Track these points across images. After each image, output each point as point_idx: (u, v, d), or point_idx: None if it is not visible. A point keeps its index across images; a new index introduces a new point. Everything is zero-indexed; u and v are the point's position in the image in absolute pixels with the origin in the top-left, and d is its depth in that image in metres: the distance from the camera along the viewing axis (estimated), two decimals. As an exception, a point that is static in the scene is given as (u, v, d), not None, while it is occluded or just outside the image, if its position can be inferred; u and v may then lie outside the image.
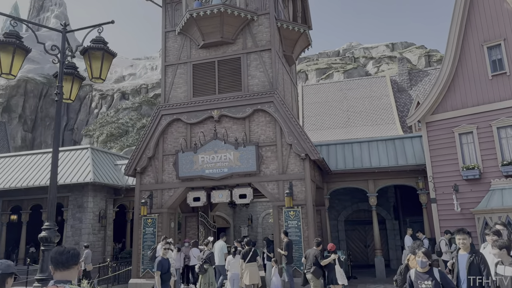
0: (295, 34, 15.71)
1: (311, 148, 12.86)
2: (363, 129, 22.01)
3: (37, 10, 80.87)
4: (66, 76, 7.09)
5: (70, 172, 18.29)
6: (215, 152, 13.85)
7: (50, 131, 42.70)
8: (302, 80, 40.74)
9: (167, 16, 16.21)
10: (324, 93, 25.21)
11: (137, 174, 14.88)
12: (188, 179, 14.14)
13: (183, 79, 15.22)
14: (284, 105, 13.41)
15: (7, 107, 40.12)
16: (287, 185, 13.06)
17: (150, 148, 14.73)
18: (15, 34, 6.24)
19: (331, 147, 17.17)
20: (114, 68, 52.68)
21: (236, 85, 14.45)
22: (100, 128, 37.80)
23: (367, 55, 43.72)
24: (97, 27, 6.69)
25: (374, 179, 15.91)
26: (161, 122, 14.85)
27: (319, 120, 23.55)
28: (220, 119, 14.26)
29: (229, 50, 14.88)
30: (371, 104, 23.32)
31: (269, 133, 13.71)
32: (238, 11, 14.32)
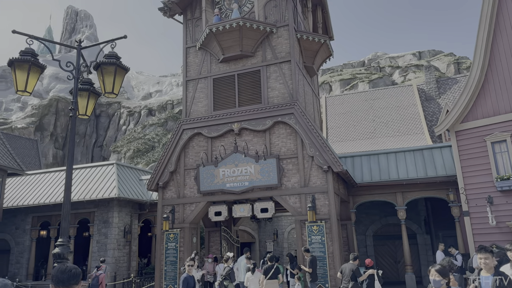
0: (315, 45, 15.49)
1: (333, 159, 12.48)
2: (390, 139, 21.34)
3: (69, 32, 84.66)
4: (82, 92, 7.14)
5: (96, 188, 18.58)
6: (235, 166, 13.69)
7: (80, 148, 44.03)
8: (326, 91, 40.31)
9: (188, 32, 16.39)
10: (348, 103, 24.74)
11: (159, 189, 14.89)
12: (209, 193, 14.02)
13: (203, 93, 15.26)
14: (304, 116, 13.14)
15: (39, 126, 41.76)
16: (309, 198, 12.69)
17: (172, 163, 14.74)
18: (31, 52, 6.33)
19: (356, 158, 16.67)
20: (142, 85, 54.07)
21: (256, 97, 14.33)
22: (127, 144, 38.62)
23: (393, 64, 42.84)
24: (110, 43, 6.72)
25: (403, 191, 15.27)
26: (183, 137, 14.87)
27: (344, 131, 23.05)
28: (241, 132, 14.13)
29: (249, 63, 14.82)
30: (398, 114, 22.64)
31: (290, 145, 13.44)
32: (256, 24, 14.29)
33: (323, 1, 18.08)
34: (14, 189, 21.05)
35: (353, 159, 16.65)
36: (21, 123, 40.76)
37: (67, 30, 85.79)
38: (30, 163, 28.47)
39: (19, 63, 6.19)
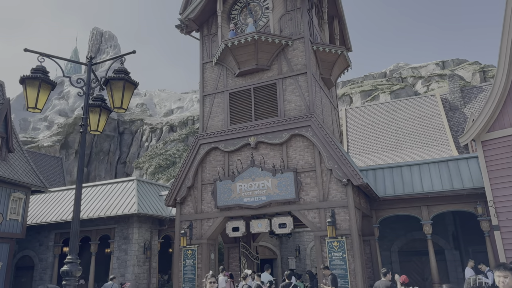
0: (332, 56, 15.27)
1: (353, 172, 12.09)
2: (414, 151, 20.67)
3: (95, 52, 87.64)
4: (94, 108, 7.15)
5: (116, 204, 18.70)
6: (252, 180, 13.48)
7: (104, 165, 44.89)
8: (346, 103, 39.79)
9: (204, 48, 16.51)
10: (369, 115, 24.23)
11: (177, 204, 14.82)
12: (226, 208, 13.82)
13: (220, 107, 15.22)
14: (322, 128, 12.85)
15: (65, 144, 42.91)
16: (328, 213, 12.30)
17: (189, 178, 14.67)
18: (41, 69, 6.39)
19: (378, 171, 16.16)
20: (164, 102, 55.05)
21: (272, 110, 14.17)
22: (149, 160, 39.12)
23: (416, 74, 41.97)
24: (119, 58, 6.72)
25: (428, 205, 14.63)
26: (200, 151, 14.82)
27: (365, 143, 22.51)
28: (257, 145, 13.96)
29: (265, 76, 14.73)
30: (421, 125, 21.97)
31: (308, 158, 13.14)
32: (272, 38, 14.22)
33: (340, 13, 17.92)
34: (38, 206, 21.48)
35: (375, 172, 16.14)
36: (47, 141, 42.00)
37: (93, 50, 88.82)
38: (55, 180, 29.13)
39: (29, 80, 6.24)
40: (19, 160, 18.64)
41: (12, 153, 18.29)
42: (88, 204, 19.52)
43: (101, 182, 21.14)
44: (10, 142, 17.84)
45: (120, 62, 6.71)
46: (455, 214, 16.81)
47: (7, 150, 17.86)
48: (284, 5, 15.27)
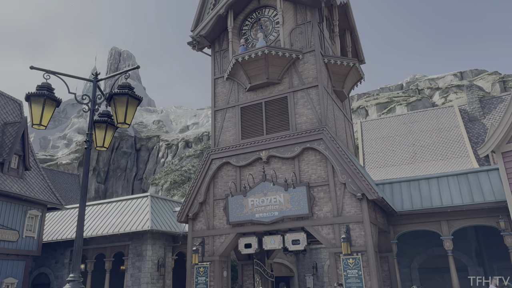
0: (344, 69, 15.08)
1: (367, 186, 11.73)
2: (432, 164, 20.07)
3: (113, 71, 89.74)
4: (100, 124, 7.12)
5: (130, 221, 18.67)
6: (264, 195, 13.25)
7: (121, 182, 45.33)
8: (362, 116, 39.29)
9: (216, 63, 16.58)
10: (385, 128, 23.77)
11: (189, 220, 14.67)
12: (238, 224, 13.58)
13: (231, 122, 15.15)
14: (334, 141, 12.59)
15: (83, 161, 43.61)
16: (343, 229, 11.92)
17: (201, 193, 14.54)
18: (47, 86, 6.42)
19: (395, 185, 15.71)
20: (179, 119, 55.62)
21: (284, 124, 14.00)
22: (165, 176, 39.32)
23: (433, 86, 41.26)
24: (124, 74, 6.71)
25: (448, 220, 14.08)
26: (211, 167, 14.71)
27: (382, 156, 22.02)
28: (269, 160, 13.76)
29: (276, 90, 14.63)
30: (439, 137, 21.38)
31: (320, 172, 12.85)
32: (282, 52, 14.17)
33: (352, 26, 17.79)
34: (54, 223, 21.67)
35: (391, 186, 15.70)
36: (66, 159, 42.78)
37: (111, 70, 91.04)
38: (72, 197, 29.47)
39: (35, 97, 6.26)
40: (35, 177, 18.91)
41: (29, 171, 18.58)
42: (103, 221, 19.57)
43: (115, 198, 21.22)
44: (27, 160, 18.15)
45: (124, 78, 6.69)
46: (478, 229, 16.12)
47: (24, 168, 18.16)
48: (294, 19, 15.25)
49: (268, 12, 16.14)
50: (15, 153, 17.74)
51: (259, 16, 16.30)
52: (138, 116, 57.27)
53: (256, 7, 16.41)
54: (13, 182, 17.35)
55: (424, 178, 15.22)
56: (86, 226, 19.68)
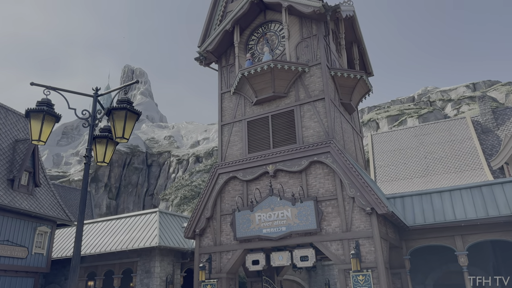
0: (351, 81, 14.94)
1: (376, 200, 11.44)
2: (445, 177, 19.59)
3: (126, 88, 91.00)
4: (101, 139, 7.09)
5: (138, 237, 18.56)
6: (271, 210, 13.02)
7: (132, 197, 45.48)
8: (373, 129, 38.85)
9: (223, 78, 16.63)
10: (397, 140, 23.40)
11: (196, 236, 14.49)
12: (245, 240, 13.35)
13: (238, 136, 15.08)
14: (341, 154, 12.37)
15: (94, 177, 44.01)
16: (352, 244, 11.59)
17: (208, 208, 14.39)
18: (46, 102, 6.44)
19: (407, 199, 15.32)
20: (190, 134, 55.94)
21: (291, 138, 13.86)
22: (175, 192, 39.30)
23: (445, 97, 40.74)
24: (123, 89, 6.70)
25: (462, 234, 13.61)
26: (218, 181, 14.59)
27: (393, 170, 21.61)
28: (276, 174, 13.58)
29: (282, 103, 14.55)
30: (452, 149, 20.92)
31: (328, 186, 12.61)
32: (288, 65, 14.13)
33: (359, 38, 17.72)
34: (64, 239, 21.70)
35: (403, 200, 15.31)
36: (78, 175, 43.22)
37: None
38: (84, 213, 29.56)
39: (34, 113, 6.28)
40: (45, 194, 19.03)
41: (39, 187, 18.71)
42: (112, 237, 19.50)
43: (124, 214, 21.19)
44: (37, 176, 18.30)
45: (123, 92, 6.67)
46: (494, 244, 15.55)
47: (34, 185, 18.30)
48: (300, 33, 15.25)
49: (274, 27, 16.19)
50: (26, 170, 17.91)
51: (265, 30, 16.36)
52: (149, 132, 57.78)
53: (262, 22, 16.49)
54: (23, 198, 17.47)
55: (436, 191, 14.81)
56: (95, 243, 19.64)
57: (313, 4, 14.23)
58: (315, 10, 14.20)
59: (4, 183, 17.07)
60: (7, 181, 17.27)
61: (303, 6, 14.47)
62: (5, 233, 16.59)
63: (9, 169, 17.65)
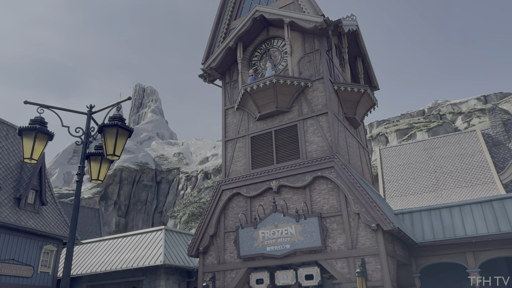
0: (355, 95, 14.80)
1: (382, 216, 11.12)
2: (456, 191, 19.10)
3: (137, 107, 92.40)
4: (95, 157, 7.05)
5: (144, 255, 18.40)
6: (275, 227, 12.77)
7: (141, 215, 45.42)
8: (382, 143, 38.38)
9: (226, 94, 16.64)
10: (405, 154, 23.01)
11: (200, 255, 14.26)
12: (249, 258, 13.07)
13: (242, 152, 14.97)
14: (345, 169, 12.13)
15: (104, 195, 44.17)
16: (358, 262, 11.24)
17: (212, 226, 14.19)
18: (39, 120, 6.44)
19: (415, 214, 14.92)
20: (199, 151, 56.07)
21: (294, 153, 13.69)
22: (183, 209, 39.11)
23: (456, 110, 40.19)
24: (116, 106, 6.66)
25: (473, 251, 13.14)
26: (222, 198, 14.42)
27: (403, 185, 21.17)
28: (280, 189, 13.38)
29: (285, 118, 14.44)
30: (462, 163, 20.45)
31: (333, 201, 12.34)
32: (290, 80, 14.07)
33: (363, 52, 17.62)
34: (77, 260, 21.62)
35: (411, 216, 14.92)
36: (88, 193, 43.42)
37: (135, 105, 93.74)
38: (92, 231, 29.57)
39: (26, 131, 6.27)
40: (52, 212, 19.07)
41: (45, 206, 18.77)
42: (118, 255, 19.38)
43: (130, 232, 21.08)
44: (44, 195, 18.38)
45: (116, 109, 6.64)
46: (509, 260, 14.98)
47: (40, 203, 18.37)
48: (303, 48, 15.24)
49: (276, 43, 16.24)
50: (32, 189, 18.01)
51: (268, 46, 16.41)
52: (159, 149, 58.11)
53: (265, 38, 16.55)
54: (29, 217, 17.52)
55: (446, 206, 14.40)
56: (102, 261, 19.53)
57: (314, 20, 14.24)
58: (317, 25, 14.20)
59: (11, 202, 17.17)
60: (14, 199, 17.37)
61: (305, 22, 14.49)
62: (10, 252, 16.59)
63: (16, 188, 17.78)
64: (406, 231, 12.72)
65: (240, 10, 17.48)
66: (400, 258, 12.70)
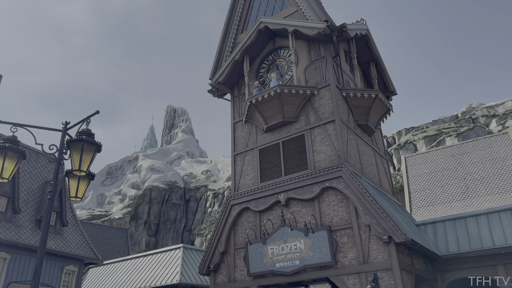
0: (365, 101, 14.16)
1: (393, 227, 10.34)
2: (487, 199, 17.69)
3: (169, 128, 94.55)
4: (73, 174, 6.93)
5: (161, 274, 18.24)
6: (284, 242, 12.21)
7: (171, 234, 45.68)
8: (410, 151, 36.72)
9: (235, 108, 16.45)
10: (432, 162, 21.75)
11: (211, 273, 13.88)
12: (259, 275, 12.54)
13: (250, 165, 14.62)
14: (354, 179, 11.46)
15: (134, 215, 44.89)
16: (370, 278, 10.45)
17: (222, 242, 13.82)
18: (11, 139, 6.41)
19: (439, 225, 13.89)
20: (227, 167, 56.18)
21: (302, 163, 13.18)
22: (209, 227, 38.94)
23: (491, 113, 37.90)
24: (85, 121, 6.53)
25: (504, 263, 11.98)
26: (231, 213, 14.06)
27: (430, 194, 19.93)
28: (288, 202, 12.85)
29: (293, 129, 14.00)
30: (494, 168, 19.01)
31: (343, 213, 11.66)
32: (295, 89, 13.68)
33: (376, 57, 16.95)
34: (95, 279, 21.84)
35: (434, 226, 13.89)
36: (119, 214, 44.30)
37: (167, 126, 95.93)
38: (119, 251, 29.93)
39: (-3, 150, 6.24)
40: (73, 233, 19.38)
41: (67, 227, 19.11)
42: (138, 275, 19.33)
43: (148, 252, 21.07)
44: (64, 216, 18.74)
45: (86, 124, 6.51)
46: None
47: (61, 224, 18.72)
48: (308, 56, 14.86)
49: (283, 53, 15.95)
50: (53, 210, 18.40)
51: (275, 57, 16.15)
52: (188, 168, 58.78)
53: (272, 49, 16.33)
54: (50, 238, 17.85)
55: (472, 215, 13.29)
56: (121, 281, 19.54)
57: (317, 26, 13.87)
58: (320, 32, 13.82)
59: (32, 224, 17.61)
60: (35, 221, 17.81)
61: (308, 29, 14.14)
62: (32, 273, 16.89)
63: (37, 210, 18.24)
64: (425, 243, 11.79)
65: (246, 23, 17.41)
66: (421, 273, 11.74)
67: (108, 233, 30.60)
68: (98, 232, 30.03)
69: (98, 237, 29.44)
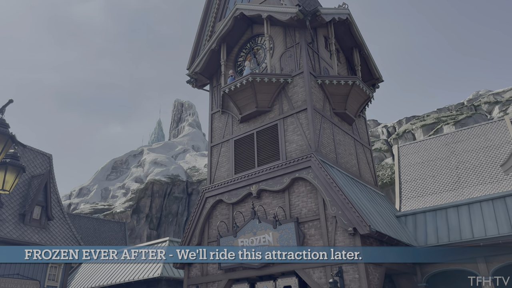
0: (343, 88, 13.64)
1: (358, 219, 9.90)
2: (479, 188, 16.99)
3: (176, 122, 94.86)
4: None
5: (146, 267, 18.12)
6: (254, 234, 11.87)
7: (173, 227, 45.81)
8: (409, 141, 35.78)
9: (213, 98, 16.09)
10: (425, 151, 21.03)
11: (185, 266, 13.66)
12: (230, 269, 12.26)
13: (226, 157, 14.28)
14: (322, 169, 11.02)
15: (136, 209, 45.10)
16: (335, 271, 10.05)
17: (196, 236, 13.57)
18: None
19: (419, 216, 13.38)
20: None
21: (275, 154, 12.78)
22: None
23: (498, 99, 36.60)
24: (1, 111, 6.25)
25: (485, 256, 11.42)
26: (206, 206, 13.78)
27: (421, 184, 19.29)
28: (260, 194, 12.50)
29: (267, 118, 13.59)
30: (487, 156, 18.24)
31: (311, 204, 11.25)
32: (268, 77, 13.24)
33: (359, 43, 16.31)
34: (85, 272, 21.92)
35: (414, 217, 13.38)
36: (120, 207, 44.57)
37: (175, 120, 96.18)
38: (117, 245, 30.03)
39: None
40: (60, 227, 19.39)
41: (53, 221, 19.12)
42: (121, 269, 19.28)
43: (137, 245, 20.99)
44: (49, 210, 18.74)
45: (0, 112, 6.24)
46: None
47: (47, 218, 18.74)
48: (284, 43, 14.37)
49: (260, 40, 15.48)
50: (38, 204, 18.43)
51: (253, 45, 15.69)
52: (192, 161, 58.77)
53: (250, 37, 15.87)
54: (34, 232, 17.89)
55: (452, 205, 12.74)
56: (107, 275, 19.53)
57: (289, 11, 13.35)
58: (293, 17, 13.30)
59: (15, 218, 17.65)
60: (19, 215, 17.85)
61: (281, 14, 13.64)
62: (15, 267, 16.95)
63: (22, 204, 18.28)
64: (397, 235, 11.31)
65: (224, 11, 16.96)
66: (395, 267, 11.28)
67: (106, 227, 30.74)
68: (95, 226, 30.18)
69: (95, 230, 29.58)
